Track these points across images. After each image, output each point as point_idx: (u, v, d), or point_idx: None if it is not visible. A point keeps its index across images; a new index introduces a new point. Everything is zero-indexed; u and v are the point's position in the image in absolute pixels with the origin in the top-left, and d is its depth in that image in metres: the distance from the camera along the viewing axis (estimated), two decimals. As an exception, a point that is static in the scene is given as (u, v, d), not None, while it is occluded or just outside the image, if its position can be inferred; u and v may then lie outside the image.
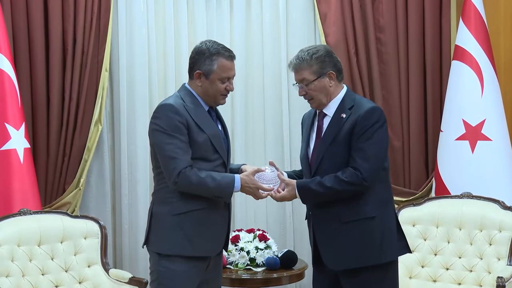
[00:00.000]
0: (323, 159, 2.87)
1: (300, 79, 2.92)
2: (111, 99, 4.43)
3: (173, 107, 2.83)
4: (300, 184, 2.89)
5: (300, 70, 2.91)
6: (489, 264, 3.67)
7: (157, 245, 2.90)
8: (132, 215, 4.41)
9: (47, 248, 3.57)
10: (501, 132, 4.10)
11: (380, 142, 2.84)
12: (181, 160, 2.79)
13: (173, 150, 2.80)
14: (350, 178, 2.79)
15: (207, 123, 2.89)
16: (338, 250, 2.85)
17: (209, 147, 2.87)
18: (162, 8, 4.45)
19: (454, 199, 3.92)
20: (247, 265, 3.92)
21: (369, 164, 2.80)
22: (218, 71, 2.87)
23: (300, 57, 2.91)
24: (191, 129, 2.84)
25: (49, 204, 4.16)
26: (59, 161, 4.20)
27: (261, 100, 4.63)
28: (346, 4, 4.48)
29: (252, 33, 4.60)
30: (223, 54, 2.89)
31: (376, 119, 2.83)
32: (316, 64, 2.89)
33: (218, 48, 2.90)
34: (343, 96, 2.93)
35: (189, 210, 2.85)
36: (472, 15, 4.13)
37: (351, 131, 2.83)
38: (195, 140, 2.84)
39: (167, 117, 2.82)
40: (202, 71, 2.89)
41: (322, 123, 2.95)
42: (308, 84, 2.90)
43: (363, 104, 2.89)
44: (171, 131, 2.81)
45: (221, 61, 2.88)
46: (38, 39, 4.13)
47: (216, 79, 2.88)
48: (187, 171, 2.79)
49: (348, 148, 2.83)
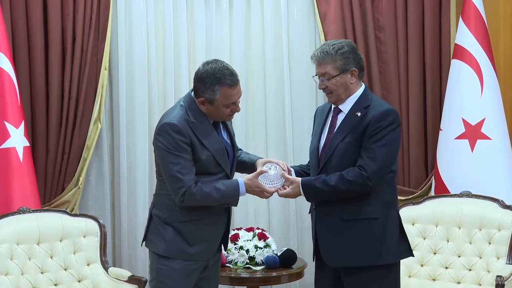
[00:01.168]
0: (333, 155, 2.86)
1: (322, 72, 2.89)
2: (111, 97, 4.42)
3: (176, 126, 2.80)
4: (305, 182, 2.90)
5: (323, 64, 2.88)
6: (488, 263, 3.66)
7: (154, 246, 2.93)
8: (131, 214, 4.40)
9: (46, 247, 3.57)
10: (501, 131, 4.10)
11: (391, 145, 2.84)
12: (186, 179, 2.80)
13: (177, 170, 2.80)
14: (354, 178, 2.79)
15: (211, 139, 2.88)
16: (337, 247, 2.86)
17: (212, 163, 2.88)
18: (162, 6, 4.44)
19: (454, 198, 3.92)
20: (246, 264, 3.91)
21: (376, 165, 2.79)
22: (221, 99, 2.82)
23: (324, 50, 2.88)
24: (194, 148, 2.83)
25: (49, 203, 4.16)
26: (58, 159, 4.19)
27: (263, 100, 4.62)
28: (346, 3, 4.47)
29: (252, 32, 4.59)
30: (224, 82, 2.81)
31: (390, 121, 2.83)
32: (340, 59, 2.87)
33: (220, 76, 2.81)
34: (360, 94, 2.92)
35: (188, 220, 2.88)
36: (472, 14, 4.13)
37: (364, 130, 2.82)
38: (199, 158, 2.84)
39: (170, 136, 2.80)
40: (205, 99, 2.84)
41: (336, 119, 2.94)
42: (330, 79, 2.88)
43: (380, 105, 2.89)
44: (175, 150, 2.80)
45: (224, 90, 2.81)
46: (37, 37, 4.12)
47: (221, 106, 2.84)
48: (192, 189, 2.80)
49: (359, 147, 2.83)
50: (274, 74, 4.60)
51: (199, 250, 2.89)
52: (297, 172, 3.08)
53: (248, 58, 4.60)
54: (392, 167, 2.89)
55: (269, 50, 4.58)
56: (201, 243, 2.90)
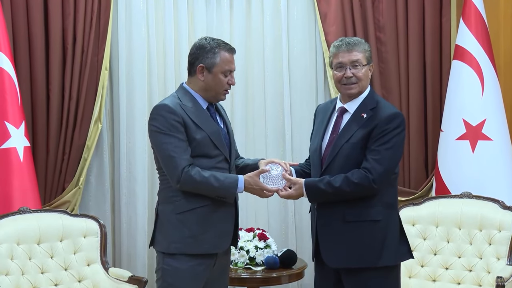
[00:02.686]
0: (337, 155, 2.85)
1: (354, 60, 2.86)
2: (111, 97, 4.43)
3: (168, 107, 2.84)
4: (308, 183, 2.88)
5: (356, 51, 2.87)
6: (488, 264, 3.66)
7: (162, 244, 2.91)
8: (131, 214, 4.40)
9: (46, 247, 3.57)
10: (502, 132, 4.09)
11: (396, 148, 2.84)
12: (180, 158, 2.80)
13: (171, 149, 2.81)
14: (359, 180, 2.78)
15: (205, 121, 2.89)
16: (338, 248, 2.85)
17: (209, 144, 2.87)
18: (162, 6, 4.45)
19: (454, 199, 3.92)
20: (246, 264, 3.92)
21: (382, 168, 2.79)
22: (221, 63, 2.88)
23: (354, 39, 2.90)
24: (188, 128, 2.84)
25: (49, 203, 4.15)
26: (58, 159, 4.19)
27: (262, 99, 4.62)
28: (346, 4, 4.48)
29: (252, 32, 4.60)
30: (224, 47, 2.91)
31: (397, 124, 2.82)
32: (368, 51, 2.91)
33: (219, 41, 2.93)
34: (366, 95, 2.92)
35: (193, 208, 2.85)
36: (473, 14, 4.12)
37: (370, 132, 2.81)
38: (193, 138, 2.85)
39: (162, 117, 2.83)
40: (204, 65, 2.89)
41: (341, 119, 2.92)
42: (361, 67, 2.86)
43: (386, 108, 2.88)
44: (168, 130, 2.82)
45: (223, 54, 2.89)
46: (38, 37, 4.12)
47: (219, 73, 2.89)
48: (190, 170, 2.80)
49: (364, 148, 2.82)
50: (274, 74, 4.60)
51: (207, 241, 2.86)
52: (297, 171, 3.06)
53: (248, 58, 4.60)
54: (395, 170, 2.90)
55: (269, 50, 4.59)
56: (209, 232, 2.86)
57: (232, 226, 2.97)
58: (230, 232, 2.96)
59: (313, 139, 3.03)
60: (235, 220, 2.99)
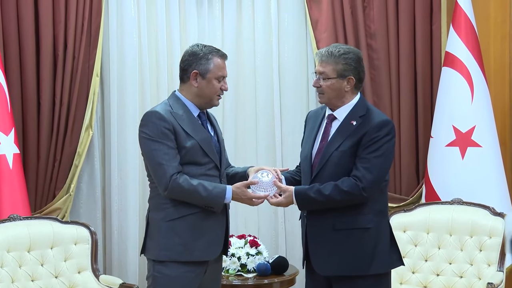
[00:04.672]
0: (327, 163, 2.85)
1: (321, 71, 2.90)
2: (102, 104, 4.41)
3: (158, 113, 2.85)
4: (298, 190, 2.87)
5: (325, 63, 2.90)
6: (479, 270, 3.67)
7: (153, 252, 2.90)
8: (122, 221, 4.39)
9: (37, 254, 3.56)
10: (491, 138, 4.10)
11: (386, 156, 2.83)
12: (169, 166, 2.81)
13: (160, 156, 2.81)
14: (349, 188, 2.78)
15: (196, 128, 2.90)
16: (329, 256, 2.85)
17: (199, 151, 2.88)
18: (154, 13, 4.44)
19: (445, 205, 3.93)
20: (238, 271, 3.92)
21: (372, 176, 2.79)
22: (214, 69, 2.91)
23: (330, 51, 2.91)
24: (178, 135, 2.84)
25: (39, 210, 4.13)
26: (49, 166, 4.17)
27: (253, 104, 4.63)
28: (338, 11, 4.48)
29: (243, 39, 4.60)
30: (217, 53, 2.94)
31: (387, 132, 2.83)
32: (342, 64, 2.88)
33: (211, 48, 2.96)
34: (356, 102, 2.92)
35: (183, 215, 2.85)
36: (463, 21, 4.14)
37: (360, 140, 2.81)
38: (183, 146, 2.85)
39: (152, 124, 2.84)
40: (198, 71, 2.90)
41: (330, 126, 2.93)
42: (326, 79, 2.89)
43: (376, 115, 2.88)
44: (157, 137, 2.82)
45: (217, 60, 2.92)
46: (28, 43, 4.10)
47: (213, 79, 2.91)
48: (178, 178, 2.80)
49: (354, 156, 2.82)
50: (265, 81, 4.60)
51: (197, 248, 2.85)
52: (287, 179, 3.06)
53: (239, 65, 4.60)
54: (386, 177, 2.89)
55: (260, 57, 4.60)
56: (200, 239, 2.85)
57: (223, 234, 2.97)
58: (221, 239, 2.96)
59: (303, 146, 3.03)
60: (226, 228, 2.99)
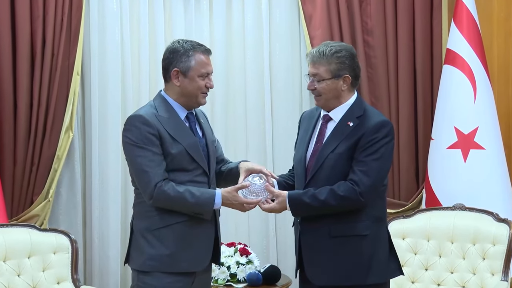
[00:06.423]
0: (322, 166, 2.80)
1: (314, 73, 2.84)
2: (83, 104, 4.36)
3: (143, 118, 2.79)
4: (292, 196, 2.82)
5: (317, 64, 2.83)
6: (482, 280, 3.61)
7: (137, 262, 2.85)
8: (103, 228, 4.35)
9: (13, 264, 3.47)
10: (495, 140, 4.06)
11: (384, 159, 2.78)
12: (153, 173, 2.76)
13: (145, 163, 2.76)
14: (346, 193, 2.73)
15: (182, 133, 2.84)
16: (324, 265, 2.80)
17: (186, 157, 2.82)
18: (137, 8, 4.40)
19: (446, 211, 3.89)
20: (227, 281, 3.86)
21: (369, 180, 2.73)
22: (197, 66, 2.83)
23: (321, 51, 2.83)
24: (164, 140, 2.78)
25: (16, 217, 4.07)
26: (26, 171, 4.11)
27: (243, 104, 4.59)
28: (333, 5, 4.43)
29: (233, 36, 4.57)
30: (199, 49, 2.86)
31: (385, 133, 2.77)
32: (335, 63, 2.81)
33: (193, 43, 2.87)
34: (352, 102, 2.87)
35: (170, 224, 2.80)
36: (465, 17, 4.10)
37: (357, 142, 2.77)
38: (169, 152, 2.79)
39: (136, 129, 2.78)
40: (179, 69, 2.84)
41: (325, 128, 2.88)
42: (321, 81, 2.82)
43: (374, 116, 2.84)
44: (141, 143, 2.77)
45: (199, 56, 2.84)
46: (4, 40, 4.02)
47: (196, 76, 2.84)
48: (164, 185, 2.75)
49: (350, 159, 2.77)
50: (256, 80, 4.57)
51: (184, 259, 2.79)
52: (280, 183, 3.00)
53: (229, 63, 4.58)
54: (384, 181, 2.84)
55: (251, 55, 4.56)
56: (187, 249, 2.80)
57: (211, 243, 2.90)
58: (209, 249, 2.90)
59: (297, 149, 2.98)
60: (215, 236, 2.92)
